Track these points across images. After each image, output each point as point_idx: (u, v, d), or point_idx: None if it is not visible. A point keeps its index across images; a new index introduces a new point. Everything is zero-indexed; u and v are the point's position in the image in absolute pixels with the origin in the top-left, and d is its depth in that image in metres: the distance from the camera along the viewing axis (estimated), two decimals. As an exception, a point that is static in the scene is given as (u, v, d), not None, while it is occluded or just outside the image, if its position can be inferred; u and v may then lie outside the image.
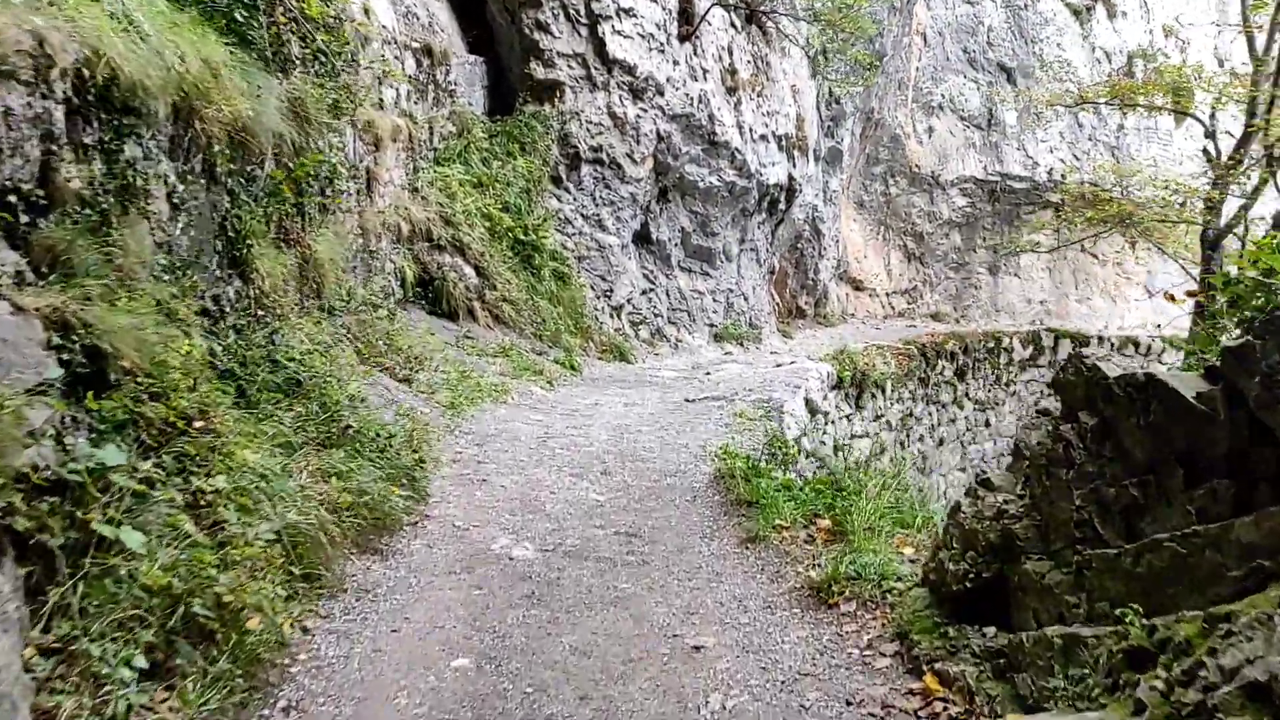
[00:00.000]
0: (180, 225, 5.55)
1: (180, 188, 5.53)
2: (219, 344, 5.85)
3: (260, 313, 6.65)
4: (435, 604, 5.27)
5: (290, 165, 7.55)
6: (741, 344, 18.00)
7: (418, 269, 12.37)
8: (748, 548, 6.22)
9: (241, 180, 6.59)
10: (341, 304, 9.14)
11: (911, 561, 5.40)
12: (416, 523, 6.45)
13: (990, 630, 4.25)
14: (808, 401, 12.13)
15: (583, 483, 7.75)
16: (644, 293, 16.47)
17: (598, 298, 15.39)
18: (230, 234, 6.38)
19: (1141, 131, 27.28)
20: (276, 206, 7.37)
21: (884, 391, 17.30)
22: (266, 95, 6.79)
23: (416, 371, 9.90)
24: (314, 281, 8.46)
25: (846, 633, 4.80)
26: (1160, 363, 25.75)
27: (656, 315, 16.65)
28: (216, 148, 6.03)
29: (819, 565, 5.61)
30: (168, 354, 4.70)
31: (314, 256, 8.33)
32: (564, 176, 15.13)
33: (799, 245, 21.50)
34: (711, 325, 17.86)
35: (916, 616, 4.58)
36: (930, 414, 20.17)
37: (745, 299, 18.84)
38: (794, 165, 19.33)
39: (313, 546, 5.13)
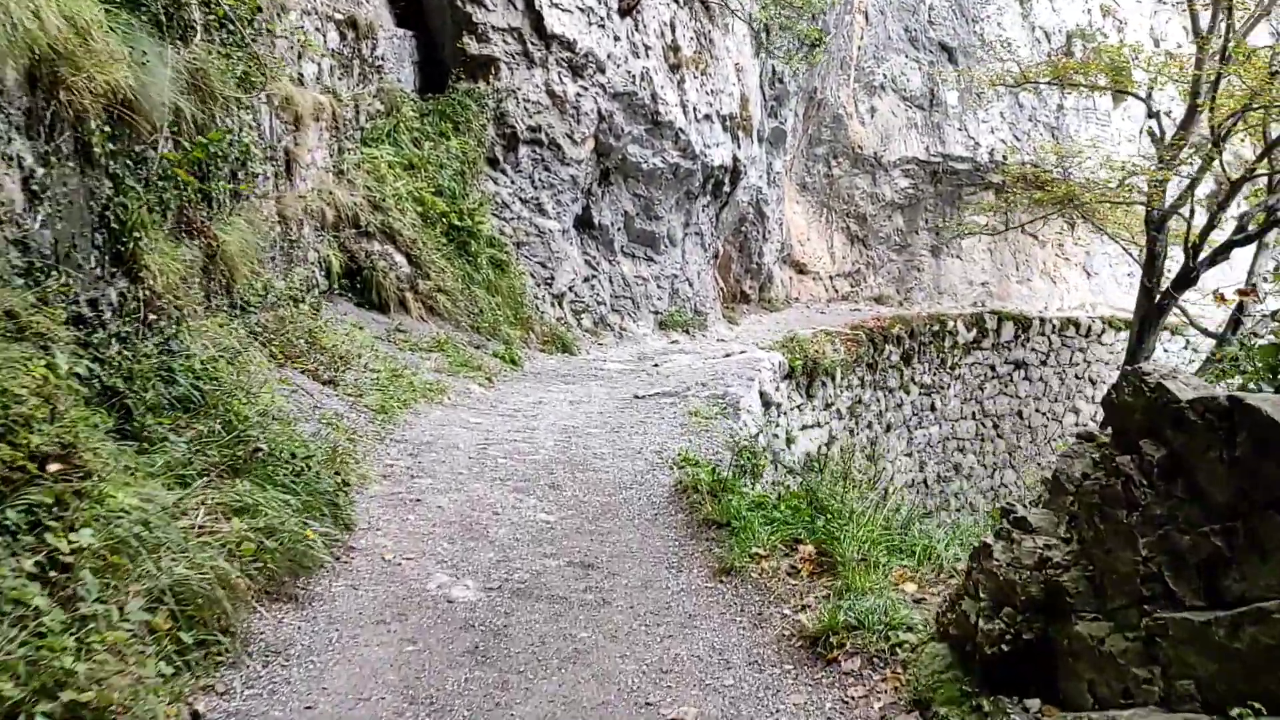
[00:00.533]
0: (41, 217, 4.55)
1: (40, 171, 4.53)
2: (96, 358, 4.87)
3: (152, 316, 5.66)
4: (360, 666, 4.39)
5: (190, 146, 6.54)
6: (687, 331, 17.21)
7: (344, 258, 11.35)
8: (722, 581, 5.40)
9: (127, 163, 5.59)
10: (257, 299, 8.15)
11: (917, 602, 4.63)
12: (340, 558, 5.53)
13: (1034, 704, 3.49)
14: (762, 395, 11.38)
15: (529, 499, 6.88)
16: (586, 280, 15.59)
17: (538, 285, 14.47)
18: (113, 226, 5.38)
19: (1080, 112, 26.95)
20: (175, 193, 6.36)
21: (834, 379, 16.65)
22: (156, 64, 5.78)
23: (342, 372, 8.94)
24: (223, 276, 7.47)
25: (852, 699, 4.00)
26: (1100, 344, 25.59)
27: (599, 303, 15.78)
28: (92, 124, 5.04)
29: (808, 606, 4.81)
30: (15, 379, 3.74)
31: (222, 248, 7.33)
32: (501, 158, 14.16)
33: (743, 229, 20.74)
34: (656, 313, 17.04)
35: (938, 681, 3.80)
36: (878, 400, 19.61)
37: (690, 285, 18.04)
38: (738, 146, 18.53)
39: (208, 604, 4.21)
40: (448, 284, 12.38)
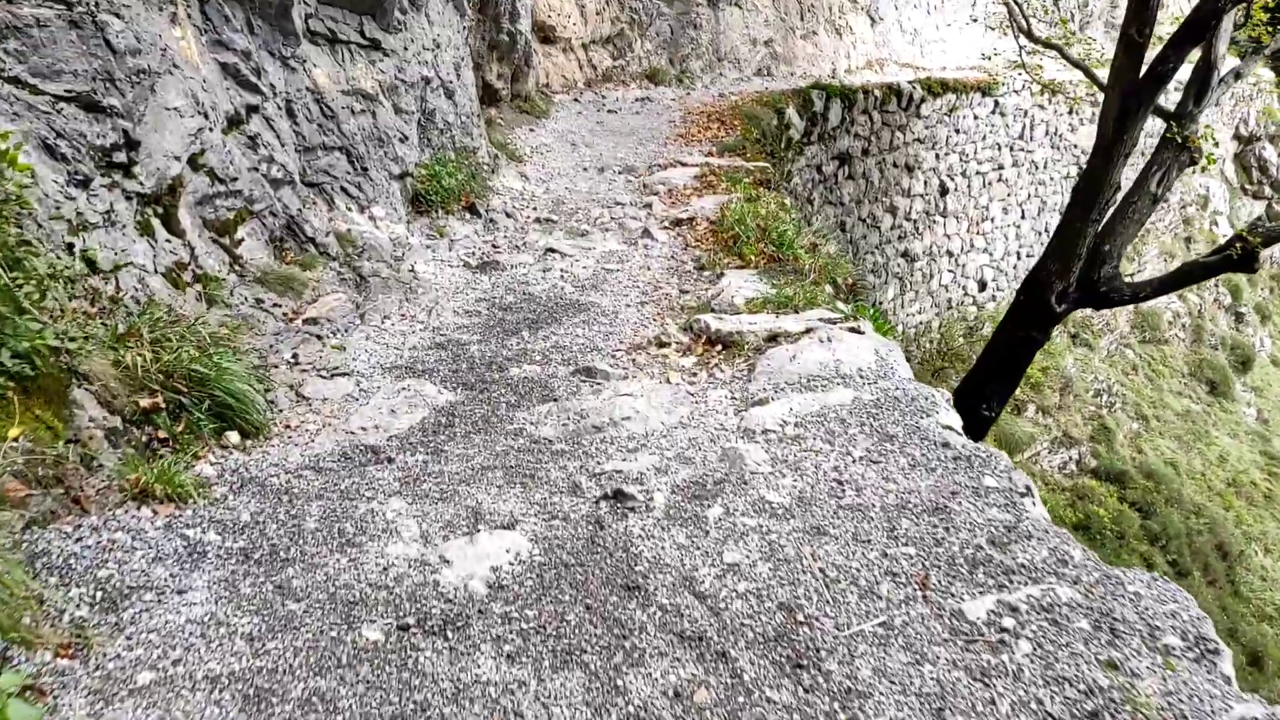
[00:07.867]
0: None
1: None
2: None
3: None
4: None
5: None
6: (473, 210, 7.22)
7: None
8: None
9: None
10: None
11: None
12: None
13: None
14: None
15: None
16: (234, 125, 5.08)
17: (69, 182, 3.91)
18: None
19: None
20: None
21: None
22: None
23: None
24: None
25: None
26: (919, 117, 18.17)
27: (281, 181, 5.39)
28: None
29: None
30: None
31: None
32: None
33: (485, -30, 10.33)
34: (401, 174, 6.83)
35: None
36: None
37: (448, 95, 7.82)
38: None
39: None
40: None
